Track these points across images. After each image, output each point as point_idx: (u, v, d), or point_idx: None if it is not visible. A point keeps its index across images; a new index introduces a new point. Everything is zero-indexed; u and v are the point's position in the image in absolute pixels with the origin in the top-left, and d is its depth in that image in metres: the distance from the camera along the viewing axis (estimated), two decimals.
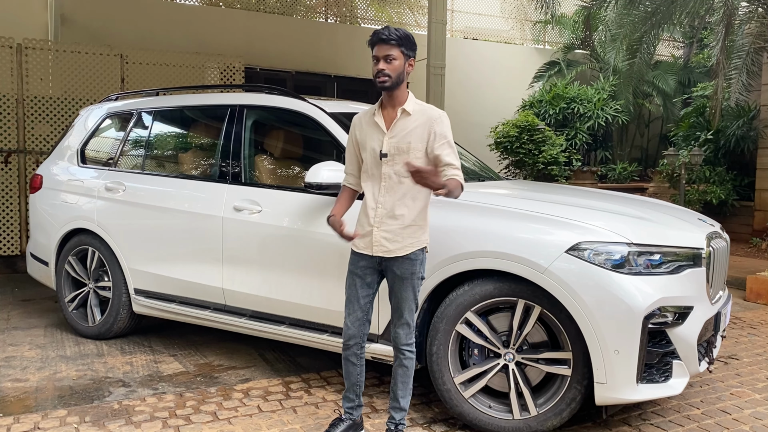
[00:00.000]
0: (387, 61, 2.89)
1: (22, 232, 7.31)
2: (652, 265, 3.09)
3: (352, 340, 3.08)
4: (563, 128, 12.63)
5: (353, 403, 3.17)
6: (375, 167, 2.98)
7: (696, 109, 11.52)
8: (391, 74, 2.89)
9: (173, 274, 4.33)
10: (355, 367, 3.13)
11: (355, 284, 3.06)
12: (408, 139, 2.92)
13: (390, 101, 2.98)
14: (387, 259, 2.97)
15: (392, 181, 2.93)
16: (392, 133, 2.94)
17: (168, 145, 4.92)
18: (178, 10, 10.93)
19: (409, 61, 2.96)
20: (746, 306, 6.26)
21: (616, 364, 2.95)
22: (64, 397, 3.72)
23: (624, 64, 11.61)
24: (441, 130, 2.93)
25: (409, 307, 2.99)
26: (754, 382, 4.11)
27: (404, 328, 3.00)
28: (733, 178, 10.47)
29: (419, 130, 2.92)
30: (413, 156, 2.90)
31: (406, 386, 3.05)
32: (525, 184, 5.85)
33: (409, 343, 3.02)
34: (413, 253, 2.95)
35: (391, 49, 2.89)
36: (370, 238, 2.96)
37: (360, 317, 3.06)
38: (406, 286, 2.97)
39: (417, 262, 2.96)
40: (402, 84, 2.95)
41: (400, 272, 2.95)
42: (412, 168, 2.63)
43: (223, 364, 4.33)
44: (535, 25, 15.10)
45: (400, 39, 2.89)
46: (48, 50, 7.46)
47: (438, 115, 2.97)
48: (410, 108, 2.95)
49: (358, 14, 13.48)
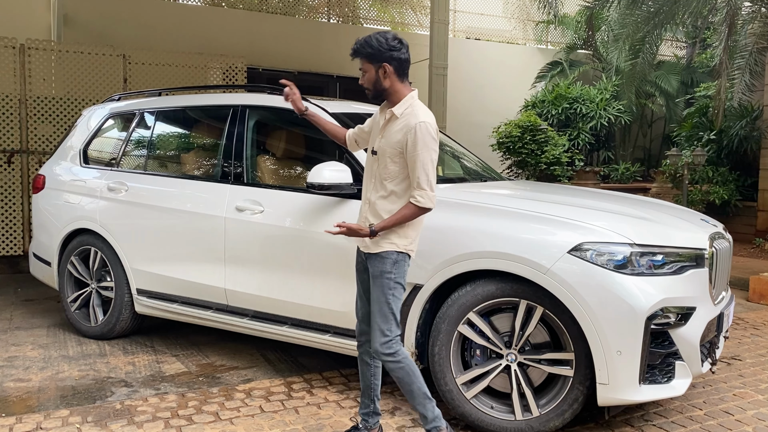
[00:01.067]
0: (362, 72, 2.91)
1: (25, 232, 7.32)
2: (655, 266, 3.08)
3: (362, 336, 3.08)
4: (566, 128, 12.61)
5: (368, 408, 3.11)
6: (370, 159, 2.99)
7: (699, 110, 11.50)
8: (367, 86, 2.91)
9: (175, 275, 4.33)
10: (368, 367, 3.09)
11: (357, 280, 3.09)
12: (390, 143, 2.85)
13: (387, 103, 2.95)
14: (366, 256, 2.94)
15: (377, 180, 2.92)
16: (382, 134, 2.92)
17: (170, 146, 4.92)
18: (180, 11, 10.95)
19: (383, 66, 2.83)
20: (749, 307, 6.25)
21: (618, 365, 2.94)
22: (66, 397, 3.72)
23: (627, 64, 11.59)
24: (412, 141, 2.77)
25: (382, 311, 2.84)
26: (757, 383, 4.10)
27: (377, 334, 2.85)
28: (736, 179, 10.44)
29: (399, 135, 2.83)
30: (390, 160, 2.84)
31: (412, 395, 2.90)
32: (527, 184, 5.84)
33: (387, 352, 2.84)
34: (385, 251, 2.84)
35: (360, 61, 2.90)
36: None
37: (366, 312, 3.04)
38: (376, 285, 2.86)
39: (388, 261, 2.84)
40: (387, 90, 2.87)
41: (372, 270, 2.89)
42: (335, 231, 2.82)
43: (225, 364, 4.33)
44: (537, 25, 15.10)
45: (357, 51, 2.87)
46: (51, 50, 7.47)
47: (414, 124, 2.77)
48: (398, 112, 2.86)
49: (361, 14, 13.49)
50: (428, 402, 2.91)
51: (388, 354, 2.86)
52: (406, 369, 2.88)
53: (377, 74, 2.86)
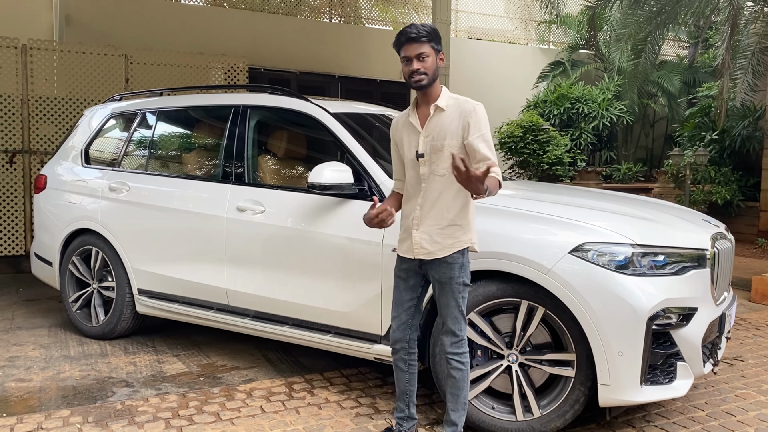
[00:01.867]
0: (420, 59, 2.80)
1: (26, 232, 7.33)
2: (657, 266, 3.08)
3: (398, 344, 3.04)
4: (568, 128, 12.60)
5: (403, 413, 3.11)
6: (413, 168, 2.92)
7: (701, 110, 11.48)
8: (427, 72, 2.81)
9: (176, 275, 4.33)
10: (403, 374, 3.07)
11: (399, 287, 3.01)
12: (443, 137, 2.82)
13: (424, 99, 2.90)
14: (426, 262, 2.89)
15: (431, 181, 2.86)
16: (427, 132, 2.87)
17: (171, 146, 4.92)
18: (182, 11, 10.94)
19: (440, 56, 2.86)
20: (751, 307, 6.23)
21: (619, 366, 2.94)
22: (67, 397, 3.72)
23: (629, 64, 11.57)
24: (475, 121, 2.79)
25: (453, 315, 2.87)
26: (759, 384, 4.09)
27: (448, 336, 2.90)
28: (739, 179, 10.41)
29: (453, 125, 2.81)
30: (446, 153, 2.79)
31: (457, 399, 2.93)
32: (529, 184, 5.84)
33: (457, 352, 2.89)
34: (450, 256, 2.83)
35: (422, 46, 2.79)
36: (410, 240, 2.91)
37: (405, 321, 3.01)
38: (445, 291, 2.87)
39: (456, 266, 2.84)
40: (436, 80, 2.86)
41: (438, 276, 2.87)
42: (459, 164, 2.43)
43: (226, 364, 4.33)
44: (539, 25, 15.09)
45: (429, 34, 2.80)
46: (53, 51, 7.48)
47: (472, 107, 2.82)
48: (443, 103, 2.85)
49: (362, 14, 13.48)
50: (464, 413, 2.99)
51: (459, 354, 2.90)
52: (466, 372, 2.93)
53: (437, 61, 2.85)
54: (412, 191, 2.93)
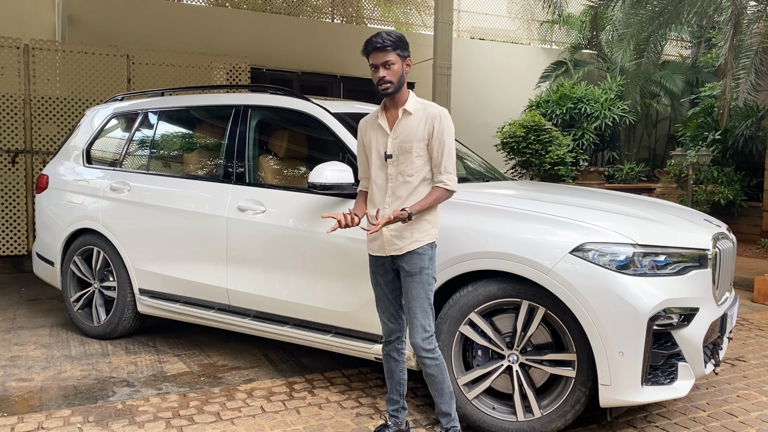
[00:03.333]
0: (386, 67, 2.90)
1: (28, 231, 7.34)
2: (658, 266, 3.07)
3: (393, 335, 3.10)
4: (570, 128, 12.59)
5: (397, 404, 3.15)
6: (380, 169, 3.00)
7: (704, 109, 11.46)
8: (393, 80, 2.91)
9: (178, 274, 4.34)
10: (397, 364, 3.13)
11: (380, 283, 3.08)
12: (410, 139, 2.93)
13: (392, 103, 3.00)
14: (398, 257, 2.97)
15: (398, 182, 2.95)
16: (395, 134, 2.96)
17: (173, 146, 4.93)
18: (184, 11, 10.96)
19: (406, 62, 2.96)
20: (754, 307, 6.22)
21: (620, 366, 2.93)
22: (68, 397, 3.73)
23: (631, 64, 11.56)
24: (439, 127, 2.92)
25: (422, 307, 2.93)
26: (761, 385, 4.08)
27: (418, 331, 2.93)
28: (741, 179, 10.40)
29: (420, 128, 2.93)
30: (415, 154, 2.92)
31: (442, 393, 2.99)
32: (530, 184, 5.83)
33: (428, 348, 2.93)
34: (421, 248, 2.93)
35: (388, 54, 2.89)
36: (381, 239, 2.97)
37: (394, 312, 3.08)
38: (415, 283, 2.93)
39: (425, 257, 2.94)
40: (403, 86, 2.97)
41: (410, 268, 2.94)
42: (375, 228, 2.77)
43: (227, 364, 4.33)
44: (542, 24, 15.08)
45: (394, 43, 2.89)
46: (55, 51, 7.49)
47: (437, 112, 2.94)
48: (411, 107, 2.96)
49: (365, 14, 13.48)
50: (453, 401, 3.03)
51: (429, 350, 2.94)
52: (441, 366, 2.97)
53: (403, 68, 2.94)
54: (379, 190, 3.01)
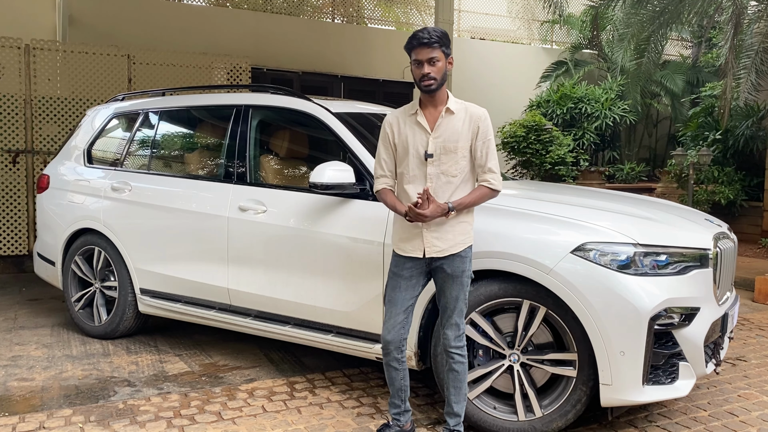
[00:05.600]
0: (431, 63, 2.86)
1: (29, 231, 7.34)
2: (659, 266, 3.07)
3: (391, 345, 3.02)
4: (571, 128, 12.59)
5: (399, 408, 3.13)
6: (419, 168, 2.94)
7: (704, 109, 11.45)
8: (437, 76, 2.88)
9: (179, 274, 4.34)
10: (397, 372, 3.08)
11: (399, 287, 2.99)
12: (455, 139, 2.91)
13: (432, 101, 2.95)
14: (438, 259, 2.93)
15: (440, 182, 2.91)
16: (437, 133, 2.92)
17: (174, 145, 4.93)
18: (185, 11, 10.96)
19: (449, 60, 2.94)
20: (754, 307, 6.21)
21: (621, 366, 2.93)
22: (69, 397, 3.73)
23: (632, 64, 11.56)
24: (484, 128, 2.93)
25: (459, 307, 2.95)
26: (762, 384, 4.08)
27: (453, 329, 2.96)
28: (742, 179, 10.39)
29: (465, 129, 2.91)
30: (460, 155, 2.91)
31: (459, 391, 3.01)
32: (531, 184, 5.83)
33: (459, 345, 2.97)
34: (464, 250, 2.94)
35: (434, 51, 2.86)
36: (420, 239, 2.92)
37: (400, 321, 3.00)
38: (456, 285, 2.93)
39: (467, 259, 2.96)
40: (444, 84, 2.94)
41: (452, 270, 2.92)
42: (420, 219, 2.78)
43: (228, 364, 4.33)
44: (542, 24, 15.07)
45: (440, 39, 2.86)
46: (56, 51, 7.49)
47: (481, 113, 2.95)
48: (453, 107, 2.93)
49: (365, 14, 13.48)
50: (465, 403, 3.07)
51: (461, 347, 2.99)
52: (466, 365, 3.02)
53: (446, 65, 2.93)
54: (416, 190, 2.92)
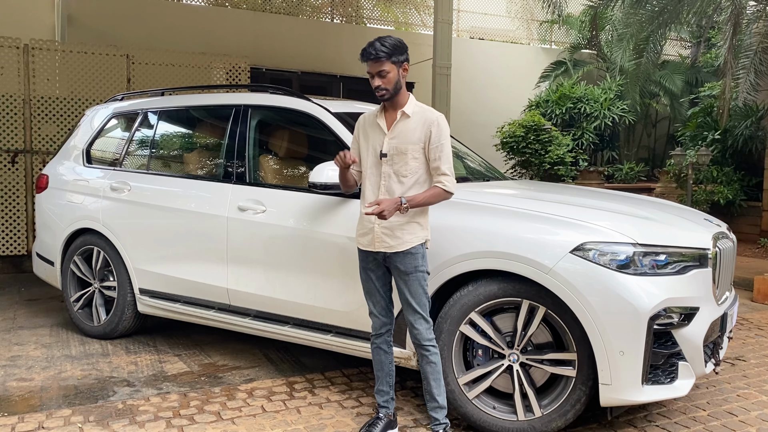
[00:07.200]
0: (381, 76, 2.98)
1: (28, 231, 7.34)
2: (658, 266, 3.07)
3: (384, 327, 3.18)
4: (570, 128, 12.60)
5: (387, 395, 3.23)
6: (375, 167, 3.08)
7: (703, 109, 11.46)
8: (388, 87, 3.00)
9: (178, 274, 4.34)
10: (387, 355, 3.21)
11: (370, 278, 3.17)
12: (407, 141, 3.02)
13: (391, 105, 3.09)
14: (389, 255, 3.04)
15: (392, 180, 3.03)
16: (392, 134, 3.05)
17: (173, 145, 4.93)
18: (184, 11, 10.96)
19: (403, 67, 3.03)
20: (754, 307, 6.22)
21: (621, 366, 2.93)
22: (68, 397, 3.73)
23: (631, 64, 11.56)
24: (437, 132, 3.01)
25: (421, 301, 3.05)
26: (761, 384, 4.08)
27: (421, 323, 3.05)
28: (741, 179, 10.40)
29: (417, 131, 3.02)
30: (410, 156, 3.00)
31: (439, 383, 3.10)
32: (530, 184, 5.83)
33: (430, 338, 3.06)
34: (413, 247, 3.02)
35: (382, 64, 2.97)
36: (372, 235, 3.05)
37: (384, 305, 3.17)
38: (412, 280, 3.03)
39: (418, 255, 3.03)
40: (401, 90, 3.04)
41: (404, 267, 3.03)
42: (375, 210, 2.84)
43: (227, 364, 4.33)
44: (541, 24, 15.08)
45: (388, 53, 2.96)
46: (55, 51, 7.49)
47: (435, 117, 3.04)
48: (410, 110, 3.06)
49: (364, 14, 13.48)
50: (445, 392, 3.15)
51: (431, 338, 3.07)
52: (439, 356, 3.11)
53: (399, 75, 3.02)
54: (372, 187, 3.08)
